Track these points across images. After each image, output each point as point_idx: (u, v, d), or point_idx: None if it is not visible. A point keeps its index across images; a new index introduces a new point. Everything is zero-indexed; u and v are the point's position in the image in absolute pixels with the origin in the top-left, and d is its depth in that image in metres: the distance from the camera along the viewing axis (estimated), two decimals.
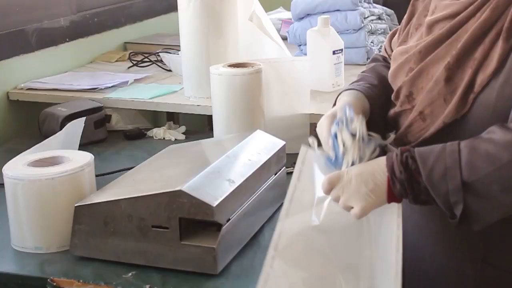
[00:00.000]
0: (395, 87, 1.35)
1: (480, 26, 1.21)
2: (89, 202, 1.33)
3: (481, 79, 1.19)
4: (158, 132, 2.09)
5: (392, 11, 2.68)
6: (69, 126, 1.74)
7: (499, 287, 1.26)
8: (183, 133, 2.10)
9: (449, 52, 1.25)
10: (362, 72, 1.53)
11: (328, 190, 1.20)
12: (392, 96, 1.35)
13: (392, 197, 1.17)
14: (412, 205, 1.19)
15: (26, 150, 1.55)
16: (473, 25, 1.22)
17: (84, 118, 1.81)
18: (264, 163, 1.48)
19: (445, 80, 1.23)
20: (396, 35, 1.49)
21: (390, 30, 2.62)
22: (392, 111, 1.35)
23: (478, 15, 1.22)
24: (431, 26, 1.31)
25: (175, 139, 2.06)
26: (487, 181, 1.11)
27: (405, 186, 1.15)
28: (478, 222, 1.14)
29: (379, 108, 1.38)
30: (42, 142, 1.62)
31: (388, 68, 1.43)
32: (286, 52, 2.05)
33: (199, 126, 2.63)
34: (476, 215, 1.13)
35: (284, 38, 2.40)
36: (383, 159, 1.19)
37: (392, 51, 1.48)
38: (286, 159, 1.62)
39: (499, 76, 1.18)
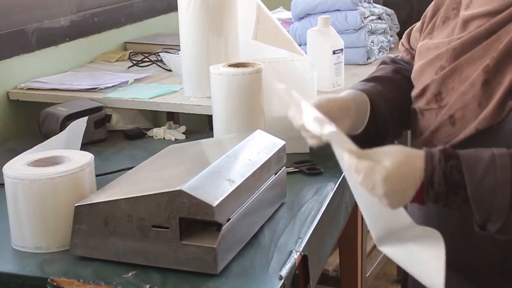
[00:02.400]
0: (420, 84, 1.27)
1: None
2: (89, 202, 1.33)
3: None
4: (158, 132, 2.09)
5: (392, 11, 2.68)
6: (72, 126, 1.74)
7: None
8: (183, 133, 2.10)
9: (487, 53, 1.16)
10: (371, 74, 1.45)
11: (358, 177, 1.09)
12: (415, 93, 1.28)
13: (419, 200, 1.08)
14: (430, 216, 1.14)
15: (26, 150, 1.55)
16: None
17: (86, 118, 1.81)
18: (264, 163, 1.48)
19: (482, 84, 1.15)
20: (418, 27, 1.40)
21: (390, 30, 2.63)
22: (413, 108, 1.28)
23: None
24: (466, 22, 1.21)
25: (175, 139, 2.06)
26: None
27: (439, 198, 1.07)
28: (509, 234, 1.07)
29: (385, 104, 1.31)
30: (44, 142, 1.62)
31: (398, 68, 1.38)
32: (300, 51, 2.03)
33: (199, 126, 2.63)
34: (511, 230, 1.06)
35: None
36: (421, 159, 1.06)
37: (410, 45, 1.40)
38: (286, 159, 1.62)
39: None
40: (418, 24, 1.42)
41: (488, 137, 1.14)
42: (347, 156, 1.10)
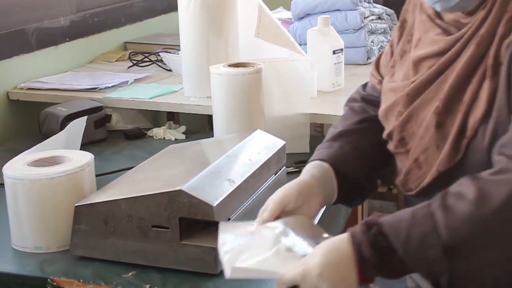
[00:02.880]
0: (387, 129, 1.28)
1: (466, 64, 1.14)
2: (89, 202, 1.33)
3: (472, 122, 1.12)
4: (158, 132, 2.09)
5: (392, 11, 2.68)
6: (71, 125, 1.74)
7: None
8: (183, 133, 2.10)
9: (437, 95, 1.17)
10: (338, 122, 1.42)
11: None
12: (385, 135, 1.28)
13: (364, 281, 1.06)
14: None
15: (26, 150, 1.55)
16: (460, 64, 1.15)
17: (85, 117, 1.81)
18: (264, 163, 1.48)
19: (436, 126, 1.16)
20: (387, 51, 1.41)
21: (390, 30, 2.62)
22: (388, 149, 1.29)
23: (465, 53, 1.15)
24: (417, 64, 1.23)
25: (175, 139, 2.06)
26: (470, 240, 0.99)
27: (377, 269, 1.04)
28: (468, 285, 1.03)
29: (353, 162, 1.31)
30: (43, 142, 1.62)
31: (364, 115, 1.38)
32: (301, 51, 2.03)
33: (199, 126, 2.63)
34: (465, 280, 1.02)
35: None
36: (346, 241, 1.06)
37: (380, 75, 1.40)
38: (286, 159, 1.62)
39: (490, 118, 1.11)
40: (387, 49, 1.41)
41: (452, 177, 1.12)
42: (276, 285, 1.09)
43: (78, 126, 1.77)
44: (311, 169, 1.32)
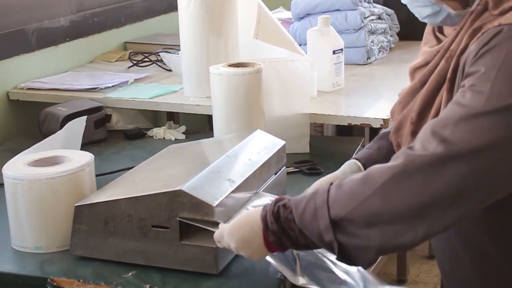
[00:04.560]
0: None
1: (436, 78, 1.20)
2: (89, 202, 1.33)
3: None
4: (158, 132, 2.09)
5: (392, 11, 2.68)
6: (70, 125, 1.74)
7: None
8: (183, 133, 2.10)
9: (414, 105, 1.23)
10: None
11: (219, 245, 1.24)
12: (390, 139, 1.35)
13: (271, 247, 1.17)
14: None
15: (26, 150, 1.55)
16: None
17: (85, 117, 1.81)
18: (264, 163, 1.48)
19: (411, 135, 1.22)
20: None
21: (390, 30, 2.63)
22: None
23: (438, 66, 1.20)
24: (411, 74, 1.29)
25: (175, 139, 2.06)
26: (352, 217, 1.08)
27: (279, 236, 1.15)
28: (357, 260, 1.12)
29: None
30: (42, 141, 1.62)
31: None
32: (301, 51, 2.03)
33: (199, 126, 2.63)
34: (352, 253, 1.11)
35: None
36: (258, 212, 1.18)
37: None
38: (286, 159, 1.62)
39: None
40: None
41: None
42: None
43: (78, 125, 1.77)
44: (345, 166, 1.43)
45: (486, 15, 1.14)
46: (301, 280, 1.21)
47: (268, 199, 1.38)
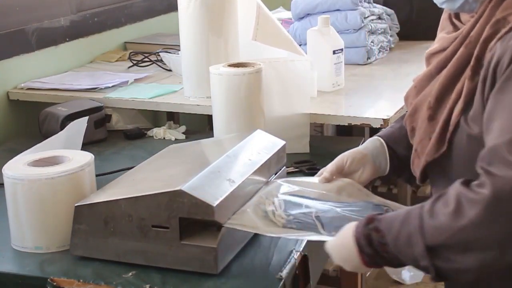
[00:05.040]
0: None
1: (455, 64, 1.21)
2: (89, 202, 1.33)
3: (453, 119, 1.20)
4: (158, 132, 2.09)
5: (392, 11, 2.68)
6: (71, 125, 1.74)
7: None
8: (183, 133, 2.10)
9: (432, 90, 1.25)
10: None
11: None
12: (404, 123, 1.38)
13: (369, 265, 1.18)
14: None
15: (26, 150, 1.55)
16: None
17: (86, 118, 1.81)
18: (264, 163, 1.48)
19: (428, 119, 1.24)
20: None
21: (390, 30, 2.63)
22: None
23: (457, 53, 1.22)
24: (428, 59, 1.31)
25: (175, 139, 2.06)
26: (448, 244, 1.09)
27: (373, 257, 1.16)
28: (457, 280, 1.14)
29: (406, 142, 1.40)
30: (43, 142, 1.62)
31: None
32: (300, 51, 2.03)
33: (199, 126, 2.63)
34: (450, 275, 1.12)
35: None
36: (350, 230, 1.18)
37: None
38: (286, 159, 1.62)
39: (467, 117, 1.18)
40: None
41: (440, 166, 1.24)
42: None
43: (79, 126, 1.77)
44: (366, 142, 1.48)
45: (507, 3, 1.16)
46: (328, 238, 1.25)
47: (278, 183, 1.45)
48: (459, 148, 1.20)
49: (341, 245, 1.20)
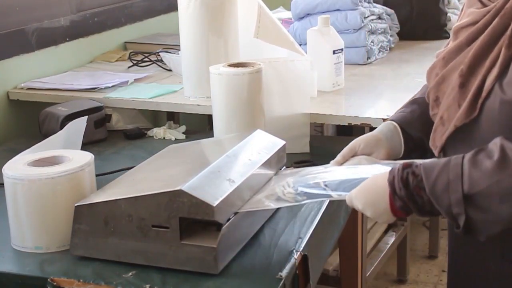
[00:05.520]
0: (428, 89, 1.41)
1: (490, 34, 1.26)
2: (89, 202, 1.33)
3: (487, 85, 1.23)
4: (158, 132, 2.09)
5: (392, 11, 2.68)
6: (70, 125, 1.74)
7: None
8: (183, 133, 2.10)
9: (464, 60, 1.29)
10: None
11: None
12: (426, 95, 1.42)
13: (396, 211, 1.22)
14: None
15: (26, 150, 1.55)
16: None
17: (86, 117, 1.81)
18: (264, 162, 1.48)
19: (459, 86, 1.28)
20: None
21: (390, 29, 2.63)
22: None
23: (491, 24, 1.26)
24: (456, 33, 1.36)
25: (175, 139, 2.06)
26: (487, 193, 1.14)
27: (406, 202, 1.20)
28: (481, 233, 1.18)
29: (420, 125, 1.46)
30: (43, 141, 1.62)
31: None
32: (301, 51, 2.03)
33: (199, 126, 2.63)
34: (478, 227, 1.17)
35: None
36: (384, 176, 1.23)
37: None
38: (286, 159, 1.62)
39: (502, 83, 1.22)
40: None
41: (466, 133, 1.27)
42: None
43: (79, 126, 1.77)
44: (381, 126, 1.52)
45: None
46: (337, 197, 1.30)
47: (288, 174, 1.48)
48: (490, 114, 1.23)
49: (369, 189, 1.24)
